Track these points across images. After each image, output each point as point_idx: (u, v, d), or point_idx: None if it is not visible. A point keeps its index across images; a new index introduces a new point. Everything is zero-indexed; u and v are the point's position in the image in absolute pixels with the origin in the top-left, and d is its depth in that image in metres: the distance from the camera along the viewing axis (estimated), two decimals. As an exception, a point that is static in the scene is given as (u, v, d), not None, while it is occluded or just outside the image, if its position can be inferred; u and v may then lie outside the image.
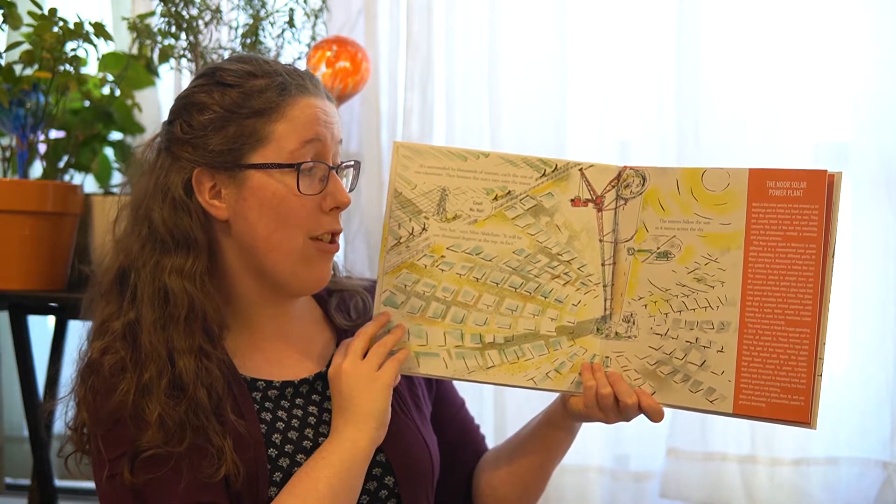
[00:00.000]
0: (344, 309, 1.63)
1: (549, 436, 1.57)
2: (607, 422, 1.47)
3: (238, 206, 1.42)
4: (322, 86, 1.49)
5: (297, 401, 1.49)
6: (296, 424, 1.46)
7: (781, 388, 1.37)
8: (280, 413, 1.46)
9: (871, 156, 2.19)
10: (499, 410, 2.37)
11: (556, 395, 1.54)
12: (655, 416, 1.43)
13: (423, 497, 1.52)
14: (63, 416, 1.46)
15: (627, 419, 1.46)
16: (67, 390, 1.44)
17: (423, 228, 1.48)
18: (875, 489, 2.19)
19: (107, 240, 1.52)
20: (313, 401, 1.50)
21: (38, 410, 2.35)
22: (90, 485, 2.68)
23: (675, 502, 2.31)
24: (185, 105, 1.45)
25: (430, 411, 1.64)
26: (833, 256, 1.36)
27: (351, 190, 1.51)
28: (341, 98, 2.31)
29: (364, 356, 1.44)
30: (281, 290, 1.48)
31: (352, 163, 1.52)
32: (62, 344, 2.58)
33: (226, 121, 1.41)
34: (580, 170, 1.48)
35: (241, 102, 1.41)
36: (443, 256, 1.48)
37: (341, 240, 1.52)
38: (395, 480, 1.48)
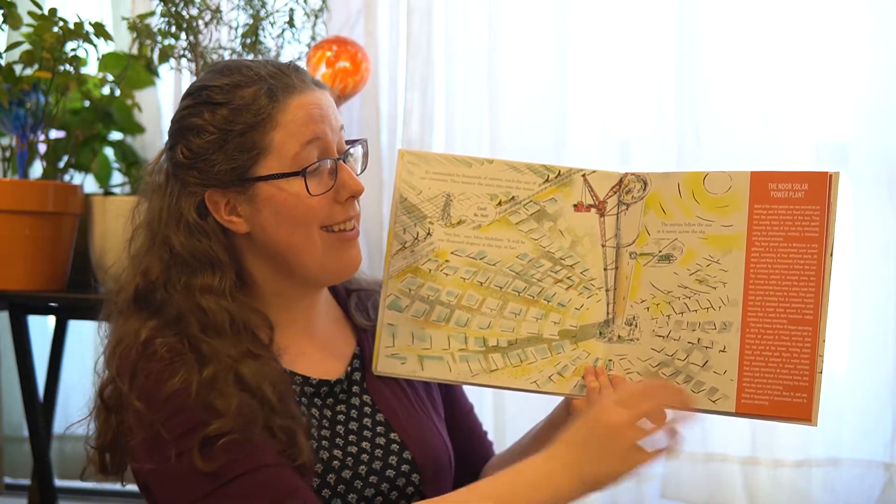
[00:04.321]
0: (362, 308, 1.63)
1: (552, 439, 1.57)
2: None
3: (255, 218, 1.42)
4: (308, 75, 1.46)
5: (329, 401, 1.49)
6: (326, 424, 1.47)
7: (784, 385, 1.38)
8: (313, 410, 1.46)
9: (871, 156, 2.20)
10: (498, 411, 2.38)
11: (559, 399, 1.55)
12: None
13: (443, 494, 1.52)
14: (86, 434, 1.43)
15: (629, 422, 1.46)
16: (93, 403, 1.42)
17: (428, 233, 1.49)
18: (877, 491, 2.19)
19: (121, 257, 1.50)
20: (341, 400, 1.50)
21: (38, 410, 2.35)
22: (90, 485, 2.70)
23: (675, 503, 2.32)
24: (180, 129, 1.43)
25: (442, 413, 1.65)
26: (832, 255, 1.38)
27: (363, 170, 1.50)
28: (341, 98, 2.31)
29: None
30: (313, 285, 1.50)
31: (357, 142, 1.49)
32: (62, 344, 2.59)
33: (223, 140, 1.39)
34: (583, 176, 1.48)
35: (233, 118, 1.39)
36: (447, 261, 1.49)
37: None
38: (420, 478, 1.49)
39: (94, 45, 2.25)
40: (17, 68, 2.24)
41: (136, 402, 1.33)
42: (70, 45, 2.22)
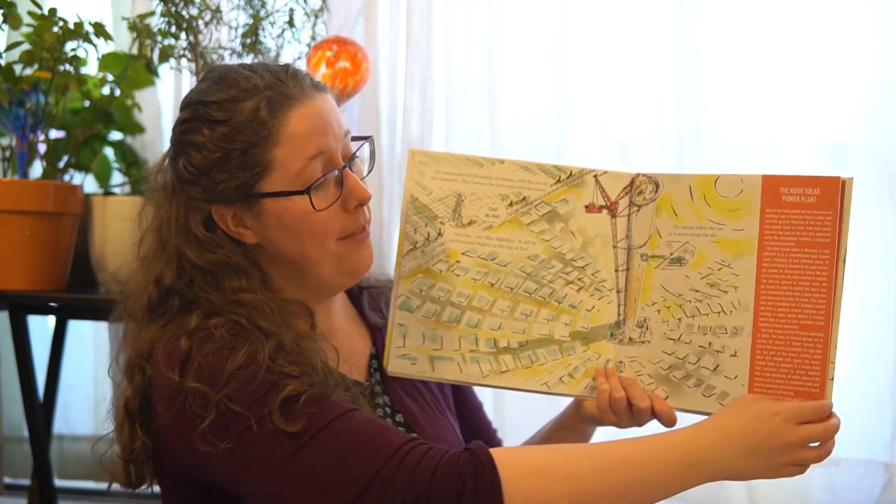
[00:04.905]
0: (375, 306, 1.63)
1: (562, 439, 1.58)
2: (620, 426, 1.47)
3: (263, 231, 1.41)
4: (307, 79, 1.43)
5: (359, 401, 1.48)
6: None
7: (795, 391, 1.36)
8: None
9: (871, 156, 2.21)
10: (498, 411, 2.38)
11: (567, 399, 1.55)
12: (668, 421, 1.43)
13: None
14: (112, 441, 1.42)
15: (640, 424, 1.46)
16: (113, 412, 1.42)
17: (439, 234, 1.49)
18: (877, 491, 2.20)
19: (129, 260, 1.49)
20: (366, 401, 1.48)
21: (37, 410, 2.34)
22: (90, 485, 2.70)
23: (675, 503, 2.32)
24: (180, 143, 1.41)
25: (454, 411, 1.65)
26: (844, 261, 1.36)
27: (370, 170, 1.49)
28: (341, 98, 2.31)
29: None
30: (327, 290, 1.48)
31: (361, 142, 1.47)
32: (62, 344, 2.59)
33: (224, 158, 1.37)
34: (594, 176, 1.48)
35: (234, 137, 1.36)
36: (458, 262, 1.49)
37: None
38: None
39: (94, 45, 2.24)
40: (17, 68, 2.23)
41: (195, 384, 1.28)
42: (70, 45, 2.22)
